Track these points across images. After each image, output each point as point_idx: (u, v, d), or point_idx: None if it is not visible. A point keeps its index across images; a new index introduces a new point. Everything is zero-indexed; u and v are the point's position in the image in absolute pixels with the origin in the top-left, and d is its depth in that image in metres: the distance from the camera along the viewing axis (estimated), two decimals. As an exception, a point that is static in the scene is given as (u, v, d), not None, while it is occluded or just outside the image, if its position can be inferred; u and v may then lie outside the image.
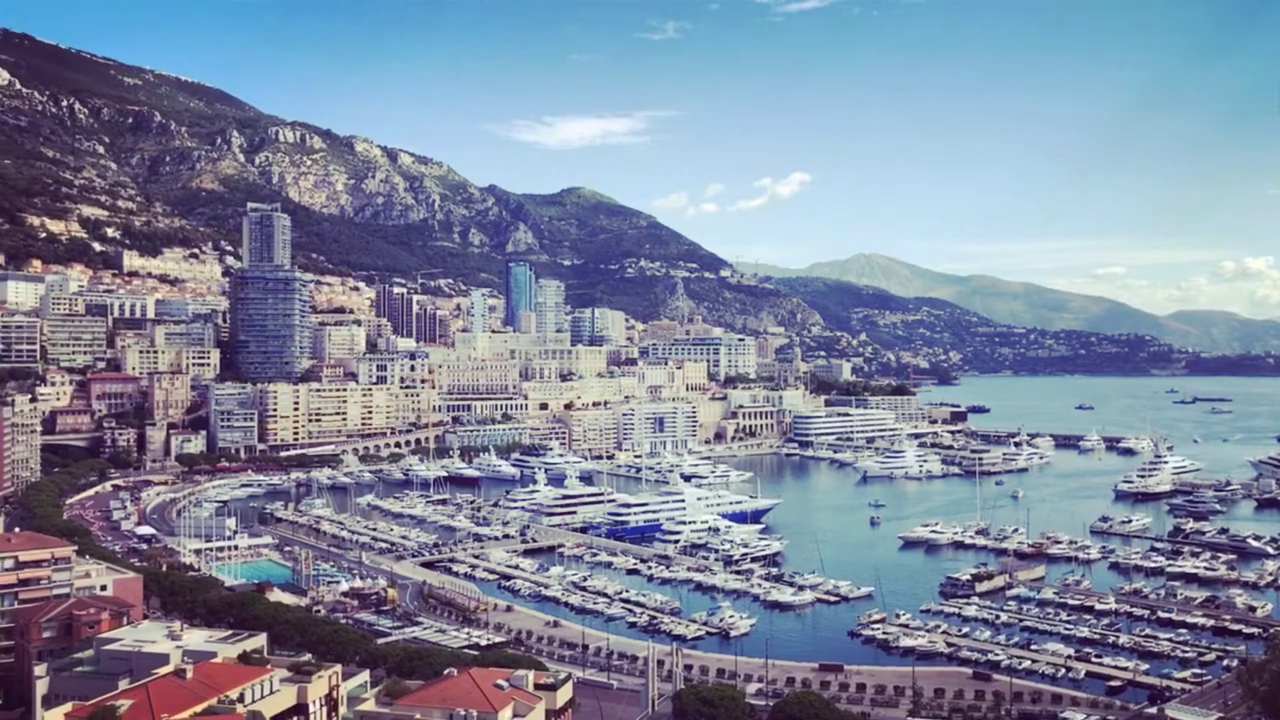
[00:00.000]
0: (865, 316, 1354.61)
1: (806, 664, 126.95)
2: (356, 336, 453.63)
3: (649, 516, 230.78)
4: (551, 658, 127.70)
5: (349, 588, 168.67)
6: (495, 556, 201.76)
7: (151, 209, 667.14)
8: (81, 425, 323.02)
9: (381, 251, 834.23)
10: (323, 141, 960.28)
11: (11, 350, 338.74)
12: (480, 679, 75.94)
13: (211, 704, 67.72)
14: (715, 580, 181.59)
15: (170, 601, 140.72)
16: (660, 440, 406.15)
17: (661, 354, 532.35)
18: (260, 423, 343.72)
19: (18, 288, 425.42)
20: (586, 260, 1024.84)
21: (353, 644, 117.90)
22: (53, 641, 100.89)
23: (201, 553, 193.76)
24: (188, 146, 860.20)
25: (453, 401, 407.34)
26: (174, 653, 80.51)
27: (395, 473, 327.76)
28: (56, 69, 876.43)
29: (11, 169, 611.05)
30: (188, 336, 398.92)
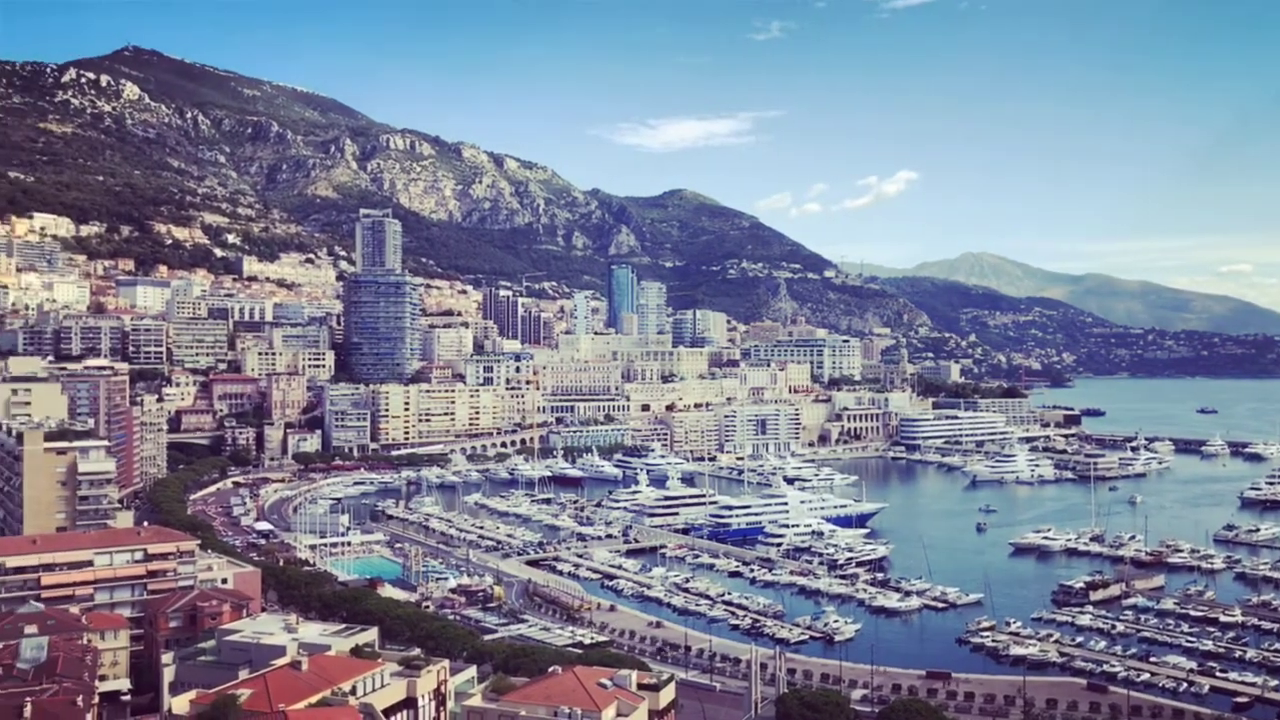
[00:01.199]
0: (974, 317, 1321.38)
1: (913, 671, 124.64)
2: (464, 339, 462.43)
3: (751, 519, 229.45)
4: (654, 658, 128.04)
5: (457, 584, 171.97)
6: (598, 556, 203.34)
7: (269, 216, 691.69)
8: (204, 424, 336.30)
9: (488, 255, 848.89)
10: (431, 148, 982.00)
11: (140, 352, 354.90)
12: (584, 677, 76.61)
13: (325, 695, 69.79)
14: (819, 584, 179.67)
15: (287, 595, 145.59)
16: (762, 442, 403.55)
17: (764, 355, 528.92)
18: (372, 422, 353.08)
19: (146, 292, 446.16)
20: (688, 262, 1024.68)
21: (460, 640, 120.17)
22: (178, 631, 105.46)
23: (316, 548, 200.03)
24: (303, 155, 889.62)
25: (556, 402, 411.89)
26: (290, 645, 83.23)
27: (501, 472, 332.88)
28: (182, 83, 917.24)
29: (140, 179, 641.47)
30: (304, 339, 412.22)
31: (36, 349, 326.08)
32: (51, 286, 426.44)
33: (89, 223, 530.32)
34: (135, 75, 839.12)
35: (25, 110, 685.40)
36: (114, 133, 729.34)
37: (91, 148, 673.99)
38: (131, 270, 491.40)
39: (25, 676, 76.30)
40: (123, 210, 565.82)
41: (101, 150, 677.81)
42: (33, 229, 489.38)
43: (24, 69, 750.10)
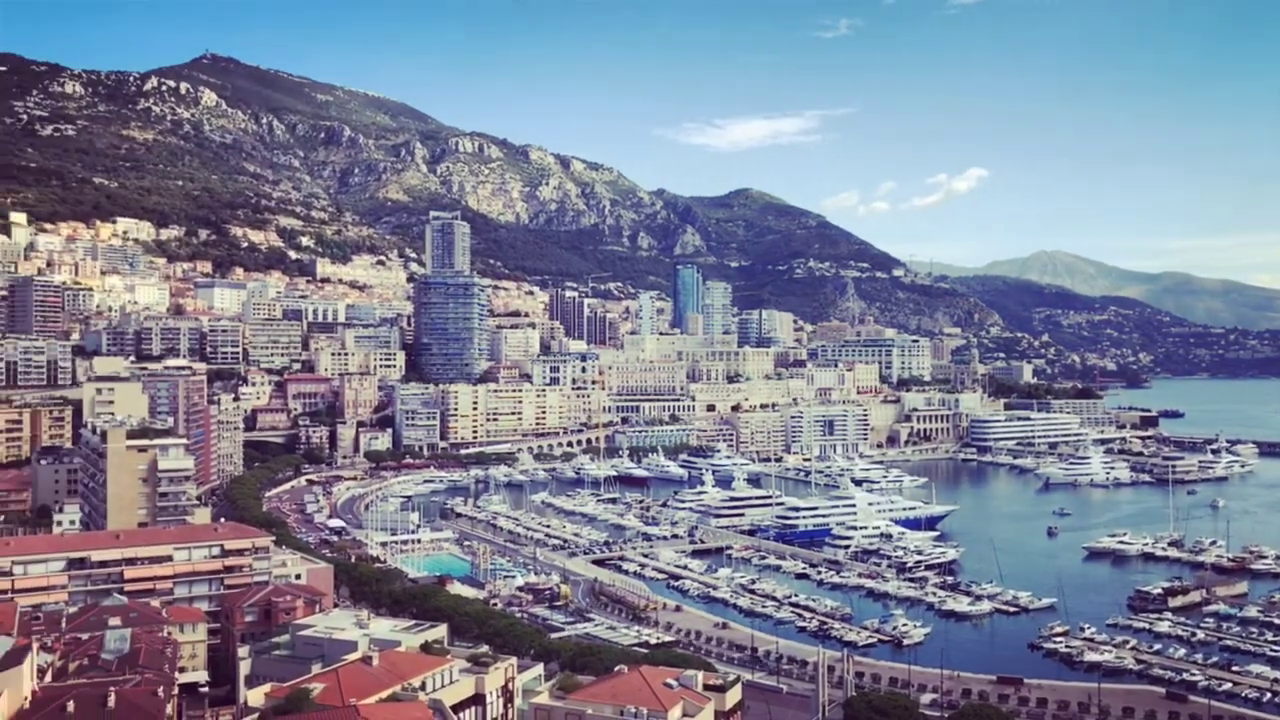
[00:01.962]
0: (1047, 316, 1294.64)
1: (983, 676, 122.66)
2: (531, 339, 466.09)
3: (818, 521, 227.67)
4: (720, 659, 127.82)
5: (524, 583, 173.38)
6: (664, 556, 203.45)
7: (342, 219, 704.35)
8: (279, 423, 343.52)
9: (554, 256, 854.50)
10: (499, 151, 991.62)
11: (218, 352, 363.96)
12: (650, 677, 76.73)
13: (396, 691, 70.87)
14: (887, 587, 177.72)
15: (358, 591, 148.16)
16: (830, 443, 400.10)
17: (831, 356, 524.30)
18: (442, 422, 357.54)
19: (223, 294, 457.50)
20: (754, 261, 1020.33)
21: (527, 638, 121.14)
22: (253, 625, 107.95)
23: (387, 545, 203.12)
24: (375, 159, 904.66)
25: (622, 402, 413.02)
26: (362, 640, 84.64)
27: (567, 471, 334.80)
28: (257, 89, 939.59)
29: (218, 184, 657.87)
30: (375, 339, 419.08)
31: (119, 349, 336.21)
32: (133, 289, 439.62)
33: (169, 226, 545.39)
34: (213, 83, 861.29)
35: (110, 118, 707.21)
36: (193, 139, 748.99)
37: (171, 154, 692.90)
38: (209, 272, 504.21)
39: (109, 667, 78.71)
40: (201, 214, 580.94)
41: (181, 156, 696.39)
42: (116, 233, 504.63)
43: (109, 78, 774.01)
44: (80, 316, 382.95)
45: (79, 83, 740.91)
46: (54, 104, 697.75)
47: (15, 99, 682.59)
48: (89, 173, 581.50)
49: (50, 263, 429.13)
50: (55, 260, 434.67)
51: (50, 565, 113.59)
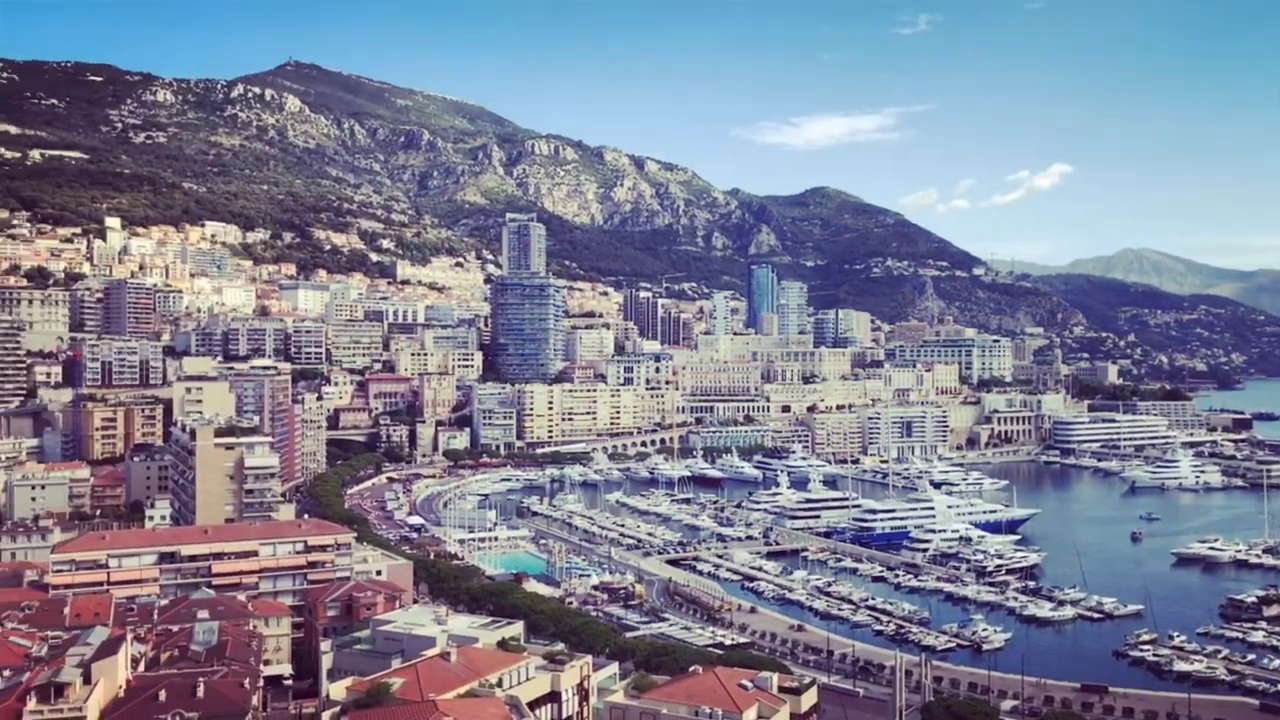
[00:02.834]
0: (1134, 316, 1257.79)
1: (1067, 683, 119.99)
2: (605, 339, 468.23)
3: (896, 523, 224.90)
4: (795, 661, 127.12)
5: (599, 581, 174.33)
6: (739, 557, 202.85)
7: (421, 221, 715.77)
8: (361, 422, 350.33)
9: (629, 257, 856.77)
10: (575, 152, 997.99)
11: (301, 352, 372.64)
12: (725, 678, 76.56)
13: (473, 687, 71.73)
14: (967, 591, 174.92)
15: (436, 588, 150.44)
16: (908, 445, 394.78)
17: (909, 356, 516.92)
18: (518, 421, 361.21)
19: (307, 295, 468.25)
20: (830, 261, 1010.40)
21: (602, 636, 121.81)
22: (335, 620, 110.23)
23: (465, 543, 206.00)
24: (453, 162, 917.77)
25: (696, 403, 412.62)
26: (440, 636, 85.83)
27: (641, 471, 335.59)
28: (339, 94, 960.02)
29: (301, 188, 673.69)
30: (453, 340, 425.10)
31: (207, 350, 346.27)
32: (221, 291, 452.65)
33: (255, 230, 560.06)
34: (296, 89, 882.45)
35: (199, 125, 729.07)
36: (277, 144, 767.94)
37: (257, 159, 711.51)
38: (293, 275, 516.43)
39: (198, 658, 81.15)
40: (285, 218, 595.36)
41: (266, 161, 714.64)
42: (204, 236, 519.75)
43: (198, 86, 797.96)
44: (171, 318, 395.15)
45: (170, 91, 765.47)
46: (146, 112, 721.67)
47: (110, 108, 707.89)
48: (179, 178, 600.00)
49: (142, 266, 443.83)
50: (147, 263, 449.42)
51: (143, 559, 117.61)
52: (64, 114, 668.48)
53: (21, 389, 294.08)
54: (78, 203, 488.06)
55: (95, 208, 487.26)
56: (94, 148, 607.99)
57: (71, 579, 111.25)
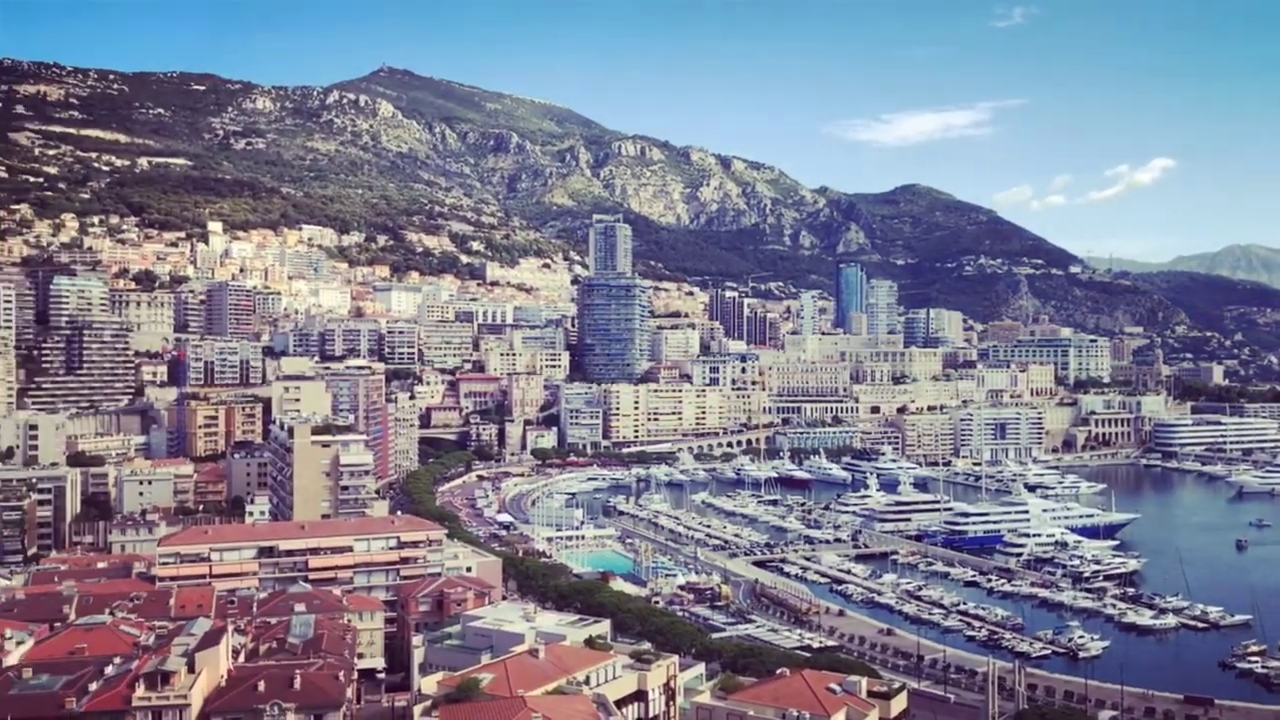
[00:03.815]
0: (1241, 315, 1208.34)
1: (1169, 694, 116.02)
2: (691, 339, 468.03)
3: (989, 527, 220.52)
4: (884, 666, 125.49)
5: (685, 582, 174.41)
6: (826, 560, 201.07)
7: (510, 224, 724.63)
8: (451, 421, 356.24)
9: (715, 257, 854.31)
10: (661, 153, 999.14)
11: (395, 353, 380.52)
12: (813, 681, 76.00)
13: (561, 684, 72.48)
14: (1062, 597, 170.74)
15: (525, 585, 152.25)
16: (1001, 447, 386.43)
17: (1003, 356, 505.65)
18: (604, 420, 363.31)
19: (400, 297, 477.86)
20: (921, 259, 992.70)
21: (689, 636, 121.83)
22: (427, 615, 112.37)
23: (552, 541, 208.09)
24: (541, 164, 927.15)
25: (783, 403, 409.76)
26: (529, 633, 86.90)
27: (727, 472, 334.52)
28: (431, 99, 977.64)
29: (394, 191, 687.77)
30: (541, 340, 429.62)
31: (304, 350, 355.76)
32: (317, 292, 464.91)
33: (350, 233, 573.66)
34: (389, 95, 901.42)
35: (296, 131, 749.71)
36: (371, 149, 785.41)
37: (352, 164, 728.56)
38: (386, 277, 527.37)
39: (295, 650, 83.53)
40: (379, 221, 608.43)
41: (360, 166, 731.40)
42: (302, 240, 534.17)
43: (295, 93, 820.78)
44: (270, 319, 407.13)
45: (268, 98, 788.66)
46: (246, 119, 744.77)
47: (212, 115, 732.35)
48: (277, 183, 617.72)
49: (243, 268, 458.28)
50: (247, 266, 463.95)
51: (243, 553, 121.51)
52: (169, 122, 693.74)
53: (130, 388, 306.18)
54: (182, 208, 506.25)
55: (198, 213, 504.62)
56: (197, 155, 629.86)
57: (176, 571, 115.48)
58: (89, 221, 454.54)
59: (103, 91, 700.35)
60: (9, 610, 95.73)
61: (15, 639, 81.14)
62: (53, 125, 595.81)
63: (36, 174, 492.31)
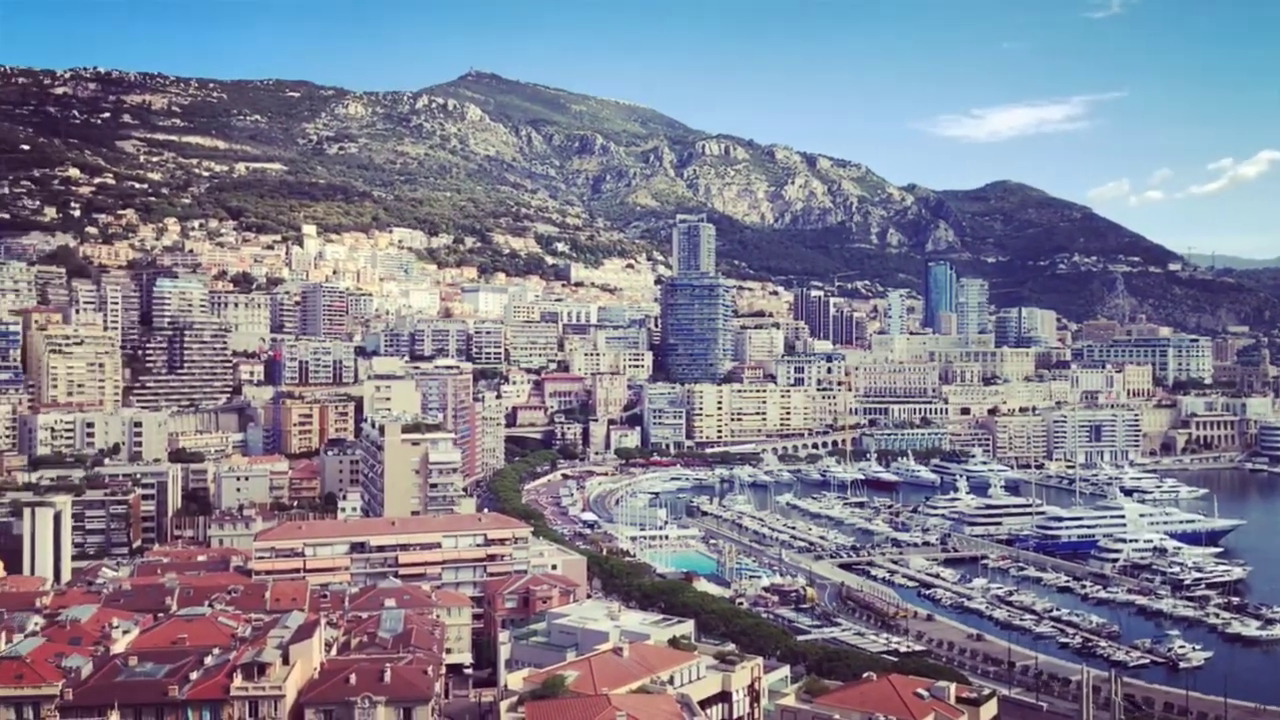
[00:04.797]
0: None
1: (1276, 709, 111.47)
2: (775, 339, 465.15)
3: (1083, 532, 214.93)
4: (974, 672, 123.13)
5: (769, 583, 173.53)
6: (914, 563, 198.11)
7: (594, 224, 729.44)
8: (537, 420, 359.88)
9: (800, 256, 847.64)
10: (745, 152, 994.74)
11: (482, 352, 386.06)
12: (900, 685, 74.91)
13: (645, 683, 72.54)
14: (1161, 605, 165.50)
15: (609, 583, 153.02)
16: (1096, 450, 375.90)
17: (1098, 356, 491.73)
18: (687, 420, 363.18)
19: (487, 298, 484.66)
20: (1012, 257, 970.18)
21: (773, 638, 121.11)
22: (513, 611, 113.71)
23: (636, 540, 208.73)
24: (625, 165, 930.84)
25: (869, 404, 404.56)
26: (613, 632, 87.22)
27: (812, 473, 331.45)
28: (517, 102, 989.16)
29: (482, 194, 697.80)
30: (625, 340, 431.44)
31: (395, 350, 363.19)
32: (407, 294, 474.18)
33: (438, 235, 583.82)
34: (477, 98, 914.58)
35: (387, 135, 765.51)
36: (459, 152, 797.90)
37: (441, 167, 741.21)
38: (474, 278, 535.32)
39: (385, 645, 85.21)
40: (467, 223, 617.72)
41: (449, 169, 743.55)
42: (392, 242, 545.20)
43: (386, 98, 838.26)
44: (361, 320, 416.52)
45: (360, 104, 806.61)
46: (339, 125, 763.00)
47: (306, 121, 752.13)
48: (369, 187, 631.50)
49: (336, 270, 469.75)
50: (340, 268, 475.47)
51: (335, 548, 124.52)
52: (265, 129, 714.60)
53: (228, 386, 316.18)
54: (278, 212, 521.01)
55: (293, 216, 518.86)
56: (292, 160, 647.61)
57: (271, 565, 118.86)
58: (190, 226, 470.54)
59: (203, 100, 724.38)
60: (116, 600, 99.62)
61: (122, 628, 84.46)
62: (156, 133, 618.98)
63: (141, 180, 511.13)
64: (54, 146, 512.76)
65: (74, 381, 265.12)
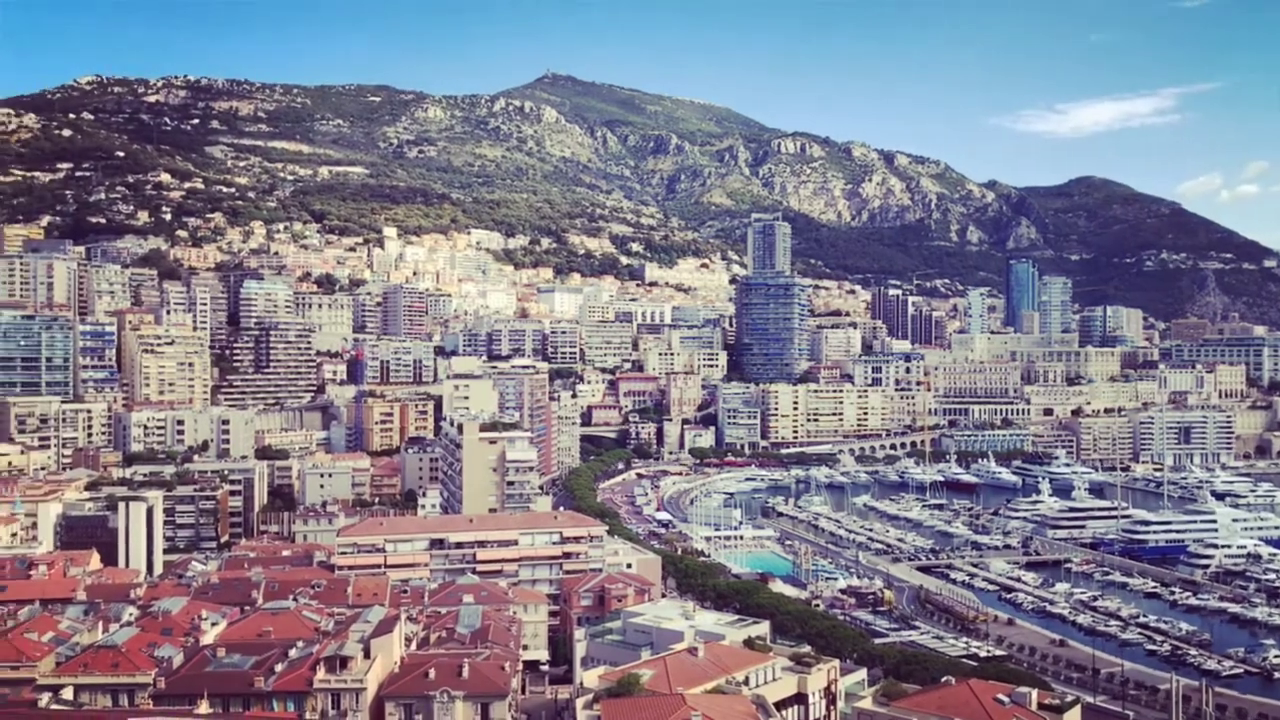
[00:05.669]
0: None
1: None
2: (852, 339, 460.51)
3: (1172, 536, 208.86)
4: (1057, 678, 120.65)
5: (846, 585, 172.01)
6: (995, 566, 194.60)
7: (669, 224, 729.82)
8: (611, 419, 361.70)
9: (877, 254, 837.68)
10: (821, 149, 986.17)
11: (558, 352, 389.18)
12: (980, 690, 73.53)
13: (720, 683, 72.46)
14: (1255, 613, 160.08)
15: (683, 583, 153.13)
16: (1186, 452, 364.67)
17: (1187, 356, 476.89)
18: (762, 421, 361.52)
19: (562, 298, 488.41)
20: (1097, 254, 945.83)
21: (850, 641, 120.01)
22: (588, 609, 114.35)
23: (711, 540, 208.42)
24: (700, 164, 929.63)
25: (949, 405, 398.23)
26: (688, 631, 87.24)
27: (890, 474, 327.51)
28: (592, 103, 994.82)
29: (557, 195, 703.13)
30: (699, 340, 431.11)
31: (473, 350, 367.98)
32: (485, 294, 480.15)
33: (515, 236, 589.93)
34: (553, 100, 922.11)
35: (465, 138, 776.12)
36: (535, 154, 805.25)
37: (517, 169, 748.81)
38: (550, 279, 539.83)
39: (463, 640, 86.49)
40: (543, 224, 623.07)
41: (525, 171, 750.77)
42: (470, 243, 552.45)
43: (464, 101, 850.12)
44: (440, 320, 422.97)
45: (439, 107, 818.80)
46: (419, 128, 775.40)
47: (387, 125, 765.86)
48: (447, 189, 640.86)
49: (416, 272, 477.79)
50: (420, 269, 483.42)
51: (415, 544, 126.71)
52: (348, 133, 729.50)
53: (312, 385, 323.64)
54: (359, 214, 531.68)
55: (374, 219, 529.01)
56: (373, 163, 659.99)
57: (354, 561, 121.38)
58: (275, 228, 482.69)
59: (288, 105, 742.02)
60: (205, 593, 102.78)
61: (210, 620, 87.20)
62: (243, 139, 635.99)
63: (228, 185, 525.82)
64: (146, 153, 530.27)
65: (165, 380, 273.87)
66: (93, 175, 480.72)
